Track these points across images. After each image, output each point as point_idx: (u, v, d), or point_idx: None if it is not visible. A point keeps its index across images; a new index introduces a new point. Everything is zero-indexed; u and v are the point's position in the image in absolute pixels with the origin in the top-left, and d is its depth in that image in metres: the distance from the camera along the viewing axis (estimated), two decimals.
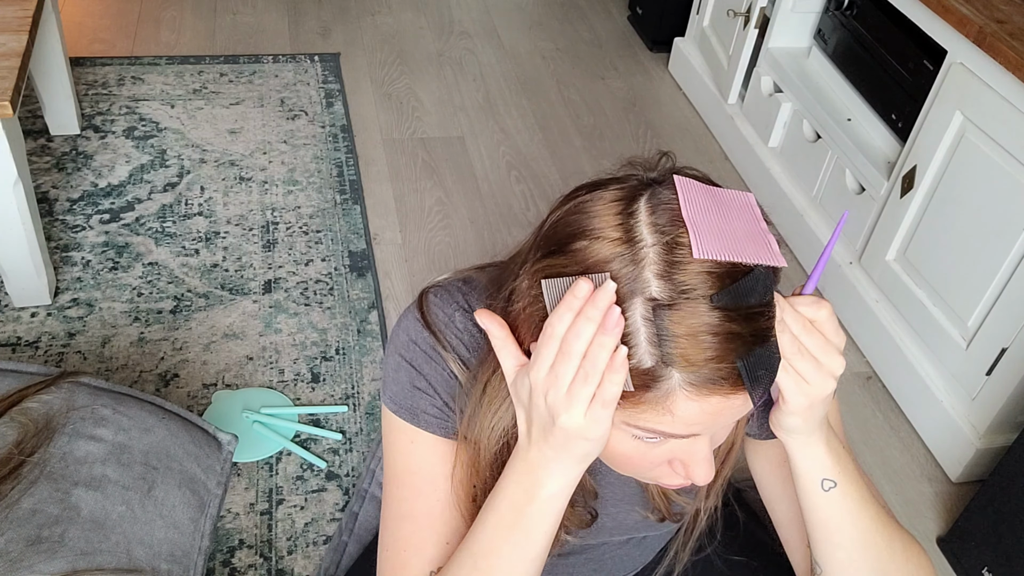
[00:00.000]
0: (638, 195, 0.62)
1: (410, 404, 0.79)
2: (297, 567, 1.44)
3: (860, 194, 1.98)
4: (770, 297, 0.62)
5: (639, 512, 0.89)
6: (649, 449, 0.66)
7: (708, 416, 0.62)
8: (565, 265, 0.62)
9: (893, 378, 1.88)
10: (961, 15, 1.60)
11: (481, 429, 0.74)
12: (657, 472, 0.70)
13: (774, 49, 2.29)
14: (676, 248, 0.59)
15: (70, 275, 1.93)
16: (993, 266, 1.58)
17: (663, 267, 0.59)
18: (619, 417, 0.64)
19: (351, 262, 2.06)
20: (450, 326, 0.79)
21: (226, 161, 2.32)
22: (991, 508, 1.47)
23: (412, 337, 0.79)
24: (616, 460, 0.70)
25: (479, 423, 0.74)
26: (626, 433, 0.66)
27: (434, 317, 0.79)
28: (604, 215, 0.62)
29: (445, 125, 2.60)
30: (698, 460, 0.67)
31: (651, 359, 0.59)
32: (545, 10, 3.29)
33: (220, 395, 1.70)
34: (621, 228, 0.61)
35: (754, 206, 0.64)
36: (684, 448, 0.66)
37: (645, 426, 0.63)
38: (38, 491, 1.07)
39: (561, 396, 0.61)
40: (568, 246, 0.63)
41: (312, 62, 2.78)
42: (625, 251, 0.60)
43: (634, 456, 0.68)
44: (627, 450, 0.67)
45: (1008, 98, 1.53)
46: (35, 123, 2.34)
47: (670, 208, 0.61)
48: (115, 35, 2.81)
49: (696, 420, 0.62)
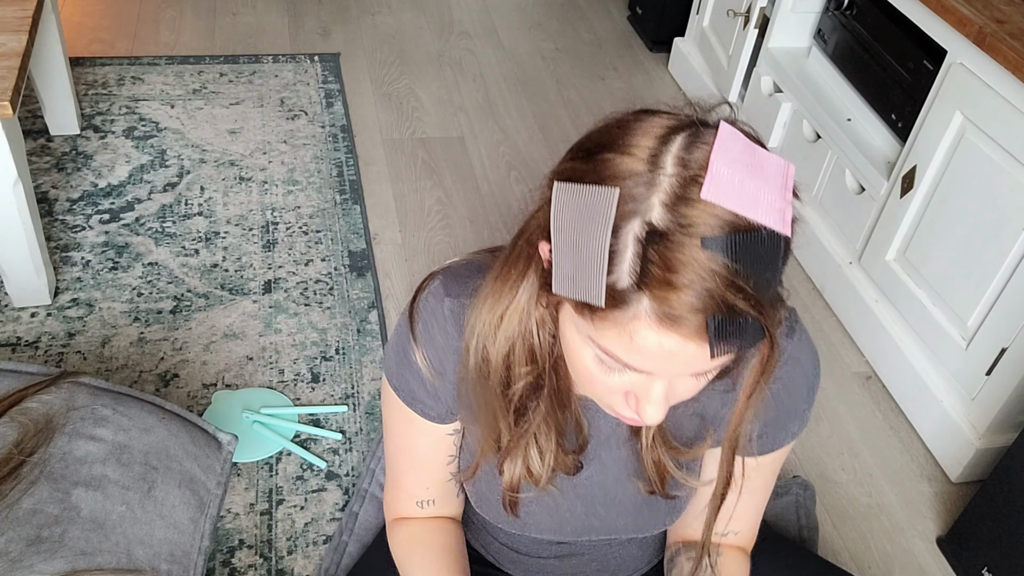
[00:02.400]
0: (682, 129, 0.62)
1: (396, 377, 0.88)
2: (297, 567, 1.44)
3: (860, 194, 1.98)
4: (769, 276, 0.60)
5: (632, 482, 0.89)
6: (608, 374, 0.67)
7: (664, 354, 0.61)
8: (584, 172, 0.63)
9: (893, 378, 1.88)
10: (961, 15, 1.60)
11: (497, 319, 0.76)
12: (613, 399, 0.71)
13: (774, 49, 2.29)
14: (692, 185, 0.59)
15: (70, 275, 1.93)
16: (993, 266, 1.58)
17: (672, 198, 0.59)
18: (583, 328, 0.65)
19: (351, 262, 2.06)
20: (436, 315, 0.82)
21: (226, 161, 2.32)
22: (991, 508, 1.47)
23: (404, 319, 0.85)
24: (578, 373, 0.71)
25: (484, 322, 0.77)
26: (588, 350, 0.67)
27: (423, 305, 0.83)
28: (642, 136, 0.62)
29: (445, 125, 2.60)
30: (651, 399, 0.67)
31: (628, 280, 0.60)
32: (545, 10, 3.29)
33: (220, 395, 1.70)
34: (650, 151, 0.61)
35: (788, 176, 0.63)
36: (641, 384, 0.67)
37: (604, 346, 0.64)
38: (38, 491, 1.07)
39: None
40: (596, 155, 0.63)
41: (312, 62, 2.78)
42: (643, 172, 0.60)
43: (594, 375, 0.69)
44: (588, 366, 0.68)
45: (1008, 98, 1.53)
46: (35, 123, 2.34)
47: (704, 148, 0.61)
48: (115, 35, 2.81)
49: (652, 354, 0.62)
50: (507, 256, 0.75)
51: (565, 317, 0.69)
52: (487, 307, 0.76)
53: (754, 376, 0.70)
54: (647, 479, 0.87)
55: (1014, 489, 1.41)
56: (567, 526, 0.92)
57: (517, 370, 0.77)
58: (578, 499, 0.90)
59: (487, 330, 0.76)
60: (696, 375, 0.66)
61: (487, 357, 0.77)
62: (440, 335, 0.82)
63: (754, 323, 0.60)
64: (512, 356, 0.77)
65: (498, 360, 0.77)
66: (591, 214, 0.60)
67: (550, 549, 1.00)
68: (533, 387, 0.79)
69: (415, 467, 0.95)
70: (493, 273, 0.76)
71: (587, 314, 0.63)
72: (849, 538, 1.61)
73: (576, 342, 0.68)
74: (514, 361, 0.77)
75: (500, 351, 0.76)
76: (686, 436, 0.86)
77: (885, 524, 1.64)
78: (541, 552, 1.01)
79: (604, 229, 0.59)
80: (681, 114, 0.65)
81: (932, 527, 1.65)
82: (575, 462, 0.86)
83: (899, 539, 1.62)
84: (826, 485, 1.69)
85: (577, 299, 0.62)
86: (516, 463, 0.83)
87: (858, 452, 1.76)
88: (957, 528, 1.57)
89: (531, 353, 0.76)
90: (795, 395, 0.85)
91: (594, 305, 0.61)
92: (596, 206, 0.60)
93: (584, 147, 0.65)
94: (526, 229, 0.72)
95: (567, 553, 1.01)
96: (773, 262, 0.60)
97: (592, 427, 0.87)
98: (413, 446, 0.92)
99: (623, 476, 0.89)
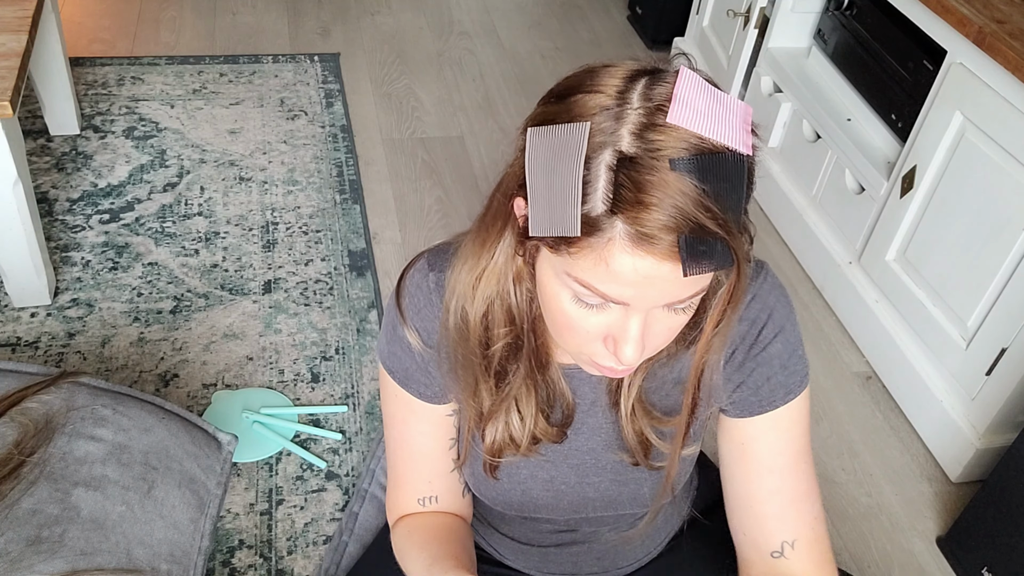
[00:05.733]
0: (646, 73, 0.66)
1: (388, 361, 0.88)
2: (297, 567, 1.44)
3: (860, 194, 1.98)
4: (735, 198, 0.64)
5: (615, 453, 0.90)
6: (586, 316, 0.69)
7: (640, 279, 0.64)
8: (556, 113, 0.66)
9: (893, 378, 1.88)
10: (961, 15, 1.60)
11: (475, 281, 0.78)
12: (592, 348, 0.72)
13: (774, 49, 2.29)
14: (658, 114, 0.63)
15: (70, 275, 1.93)
16: (993, 266, 1.58)
17: (640, 127, 0.62)
18: (560, 265, 0.67)
19: (351, 262, 2.06)
20: (421, 288, 0.84)
21: (226, 161, 2.32)
22: (991, 508, 1.47)
23: (392, 300, 0.87)
24: (556, 322, 0.73)
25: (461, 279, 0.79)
26: (566, 290, 0.69)
27: (409, 281, 0.85)
28: (609, 78, 0.66)
29: (445, 125, 2.60)
30: (628, 337, 0.69)
31: (602, 207, 0.62)
32: (545, 10, 3.29)
33: (220, 395, 1.70)
34: (616, 89, 0.65)
35: (748, 112, 0.67)
36: (618, 323, 0.69)
37: (580, 277, 0.66)
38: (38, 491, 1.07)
39: None
40: (567, 97, 0.67)
41: (312, 62, 2.78)
42: (612, 106, 0.64)
43: (573, 319, 0.70)
44: (566, 309, 0.70)
45: (1008, 98, 1.53)
46: (35, 123, 2.34)
47: (667, 86, 0.64)
48: (115, 35, 2.81)
49: (628, 280, 0.64)
50: (483, 216, 0.77)
51: (543, 265, 0.71)
52: (466, 268, 0.78)
53: (721, 305, 0.73)
54: (629, 450, 0.88)
55: (1014, 489, 1.41)
56: (563, 499, 0.93)
57: (496, 331, 0.80)
58: (571, 469, 0.91)
59: (465, 290, 0.79)
60: (671, 307, 0.68)
61: (466, 318, 0.80)
62: (427, 307, 0.84)
63: (723, 246, 0.63)
64: (490, 316, 0.79)
65: (476, 320, 0.79)
66: (564, 150, 0.63)
67: (551, 537, 1.01)
68: (512, 348, 0.81)
69: (415, 457, 0.93)
70: (471, 235, 0.79)
71: (563, 248, 0.66)
72: (849, 538, 1.61)
73: (554, 287, 0.70)
74: (492, 321, 0.79)
75: (478, 311, 0.79)
76: (665, 404, 0.87)
77: (885, 524, 1.64)
78: (543, 540, 1.01)
79: (577, 162, 0.62)
80: (645, 62, 0.69)
81: (932, 527, 1.65)
82: (560, 432, 0.88)
83: (899, 539, 1.62)
84: (826, 485, 1.69)
85: (554, 235, 0.65)
86: (497, 427, 0.85)
87: (858, 452, 1.76)
88: (957, 528, 1.57)
89: (509, 313, 0.79)
90: (773, 350, 0.85)
91: (570, 237, 0.64)
92: (568, 141, 0.63)
93: (554, 92, 0.69)
94: (501, 183, 0.74)
95: (568, 541, 1.01)
96: (738, 183, 0.64)
97: (577, 395, 0.88)
98: (412, 434, 0.92)
99: (609, 445, 0.90)
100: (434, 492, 0.95)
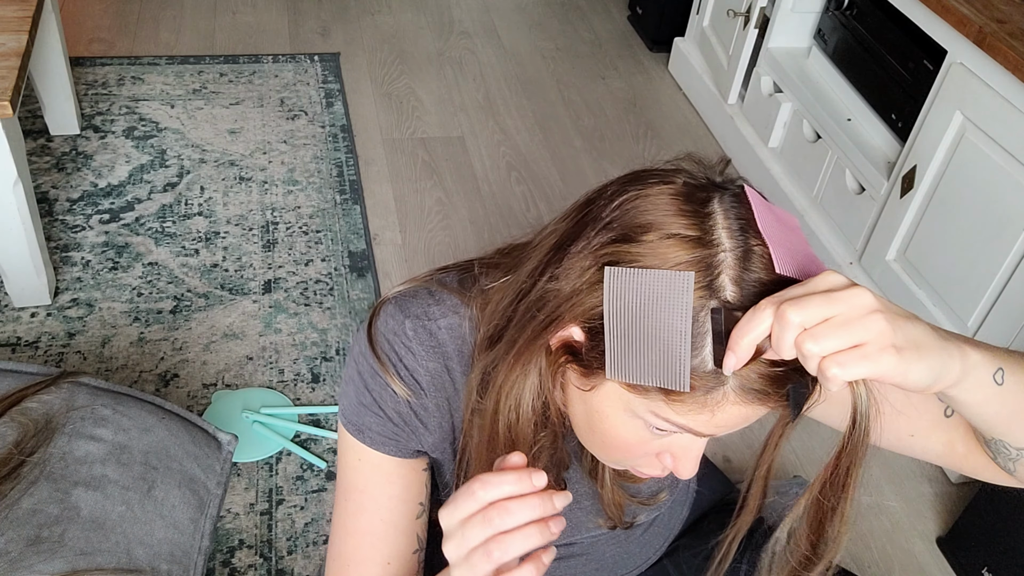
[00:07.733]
0: (709, 196, 0.62)
1: (357, 420, 0.80)
2: (297, 567, 1.44)
3: (860, 194, 1.98)
4: None
5: (593, 520, 0.89)
6: (651, 439, 0.66)
7: (742, 420, 0.62)
8: (640, 255, 0.61)
9: None
10: (961, 15, 1.60)
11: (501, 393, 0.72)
12: (642, 460, 0.70)
13: (774, 49, 2.29)
14: (749, 256, 0.60)
15: (70, 275, 1.93)
16: (993, 266, 1.58)
17: (738, 273, 0.59)
18: (648, 407, 0.63)
19: (351, 262, 2.06)
20: (399, 335, 0.77)
21: (226, 161, 2.32)
22: (990, 508, 1.47)
23: (362, 350, 0.79)
24: (610, 441, 0.69)
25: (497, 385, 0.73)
26: (638, 421, 0.65)
27: (383, 328, 0.78)
28: (670, 209, 0.62)
29: (445, 125, 2.60)
30: (691, 456, 0.67)
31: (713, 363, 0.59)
32: (545, 10, 3.29)
33: (220, 395, 1.70)
34: (697, 228, 0.61)
35: (800, 229, 0.65)
36: (684, 444, 0.67)
37: (675, 420, 0.63)
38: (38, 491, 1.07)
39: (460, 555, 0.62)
40: (639, 236, 0.62)
41: (312, 62, 2.78)
42: (703, 253, 0.60)
43: (633, 443, 0.67)
44: (629, 436, 0.67)
45: (1008, 98, 1.53)
46: (35, 123, 2.34)
47: (740, 215, 0.61)
48: (115, 35, 2.81)
49: (730, 424, 0.62)
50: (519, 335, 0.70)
51: (606, 398, 0.66)
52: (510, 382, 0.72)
53: (783, 420, 0.69)
54: (607, 517, 0.87)
55: (1013, 489, 1.41)
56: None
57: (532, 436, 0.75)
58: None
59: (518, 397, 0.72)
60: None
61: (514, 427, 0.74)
62: (407, 354, 0.78)
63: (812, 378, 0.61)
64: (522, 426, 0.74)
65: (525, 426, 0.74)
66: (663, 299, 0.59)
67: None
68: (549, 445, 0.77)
69: (375, 533, 0.81)
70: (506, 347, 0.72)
71: (656, 394, 0.62)
72: (849, 538, 1.61)
73: (621, 418, 0.66)
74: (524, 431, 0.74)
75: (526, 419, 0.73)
76: (649, 490, 0.87)
77: (885, 524, 1.64)
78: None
79: (684, 314, 0.58)
80: (679, 174, 0.65)
81: (932, 527, 1.65)
82: (560, 480, 0.84)
83: (899, 539, 1.62)
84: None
85: (655, 385, 0.61)
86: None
87: None
88: (957, 528, 1.57)
89: (540, 425, 0.74)
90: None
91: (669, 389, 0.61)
92: (667, 291, 0.59)
93: (616, 228, 0.63)
94: (544, 305, 0.67)
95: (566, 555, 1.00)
96: None
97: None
98: (379, 503, 0.82)
99: (584, 514, 0.89)
100: (391, 574, 0.83)
